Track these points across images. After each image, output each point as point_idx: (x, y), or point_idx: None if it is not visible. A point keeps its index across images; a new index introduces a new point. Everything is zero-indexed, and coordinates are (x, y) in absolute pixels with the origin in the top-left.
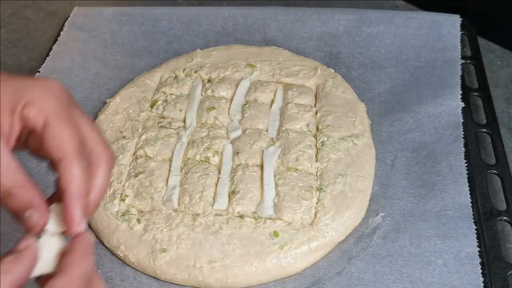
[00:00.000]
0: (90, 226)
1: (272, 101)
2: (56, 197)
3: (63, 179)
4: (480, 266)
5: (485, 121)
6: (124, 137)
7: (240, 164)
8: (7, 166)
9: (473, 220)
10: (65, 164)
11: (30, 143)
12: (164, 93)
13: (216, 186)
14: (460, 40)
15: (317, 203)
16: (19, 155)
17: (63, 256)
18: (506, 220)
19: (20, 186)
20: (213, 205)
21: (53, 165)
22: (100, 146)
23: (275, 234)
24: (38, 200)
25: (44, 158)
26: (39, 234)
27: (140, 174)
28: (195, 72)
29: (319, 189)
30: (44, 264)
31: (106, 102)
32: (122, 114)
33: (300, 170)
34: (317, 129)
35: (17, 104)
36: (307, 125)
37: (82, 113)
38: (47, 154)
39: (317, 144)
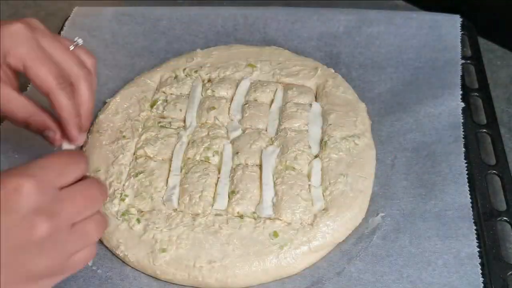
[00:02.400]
0: None
1: (272, 101)
2: None
3: (55, 109)
4: (480, 267)
5: (485, 121)
6: (124, 136)
7: (239, 164)
8: (18, 103)
9: (473, 221)
10: (52, 97)
11: None
12: (164, 92)
13: (216, 186)
14: (460, 40)
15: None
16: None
17: None
18: (506, 221)
19: (34, 114)
20: (213, 205)
21: None
22: (75, 68)
23: (275, 234)
24: (50, 122)
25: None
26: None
27: (140, 174)
28: (195, 72)
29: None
30: None
31: (106, 102)
32: (122, 114)
33: (297, 170)
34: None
35: None
36: (306, 124)
37: (52, 39)
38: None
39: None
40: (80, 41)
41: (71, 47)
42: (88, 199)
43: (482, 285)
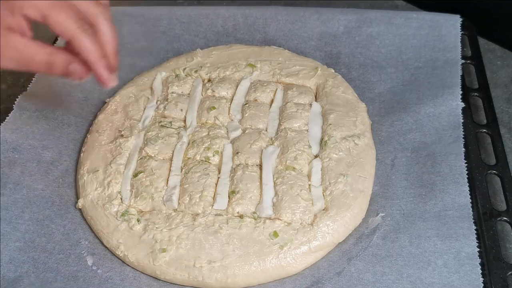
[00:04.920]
0: (90, 226)
1: (272, 101)
2: None
3: (81, 53)
4: (480, 267)
5: (485, 121)
6: (122, 135)
7: (240, 164)
8: (34, 46)
9: (473, 221)
10: (76, 41)
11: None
12: (166, 91)
13: (216, 186)
14: (460, 40)
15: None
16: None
17: None
18: (506, 221)
19: (54, 53)
20: (213, 205)
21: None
22: (91, 8)
23: (275, 234)
24: (70, 58)
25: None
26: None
27: (140, 173)
28: (195, 72)
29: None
30: None
31: (106, 102)
32: (121, 114)
33: (297, 169)
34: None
35: (13, 9)
36: (306, 123)
37: None
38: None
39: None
40: None
41: None
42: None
43: (482, 285)
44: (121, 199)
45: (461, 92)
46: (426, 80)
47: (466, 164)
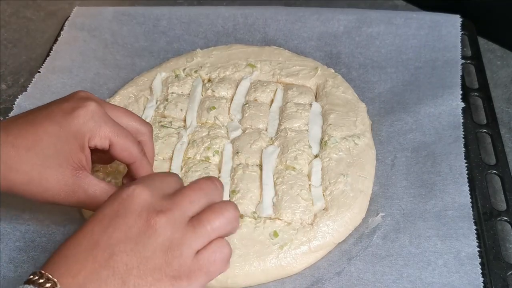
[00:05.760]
0: None
1: (272, 101)
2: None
3: (139, 175)
4: (480, 266)
5: (485, 121)
6: None
7: (240, 164)
8: (105, 189)
9: (473, 220)
10: (138, 165)
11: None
12: (166, 91)
13: None
14: (460, 40)
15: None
16: None
17: None
18: (506, 220)
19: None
20: None
21: (109, 160)
22: (142, 127)
23: (275, 234)
24: None
25: (106, 163)
26: None
27: None
28: (195, 72)
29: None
30: None
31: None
32: None
33: (298, 169)
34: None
35: (83, 143)
36: (306, 123)
37: (113, 107)
38: (110, 157)
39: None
40: None
41: None
42: (197, 190)
43: (482, 285)
44: None
45: (461, 92)
46: (426, 80)
47: (466, 164)
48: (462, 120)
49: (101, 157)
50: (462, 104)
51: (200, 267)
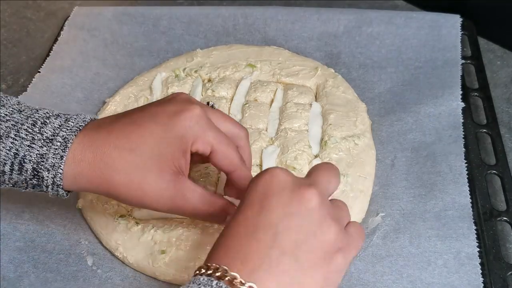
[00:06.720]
0: (89, 227)
1: (272, 101)
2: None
3: (241, 183)
4: (480, 267)
5: (485, 121)
6: None
7: None
8: (199, 195)
9: (473, 221)
10: (238, 173)
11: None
12: (165, 91)
13: (216, 185)
14: (460, 40)
15: None
16: None
17: None
18: (506, 221)
19: (213, 203)
20: None
21: (222, 170)
22: (240, 132)
23: None
24: (229, 205)
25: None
26: None
27: None
28: (195, 72)
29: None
30: None
31: (106, 102)
32: None
33: (298, 169)
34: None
35: (186, 147)
36: (306, 123)
37: (213, 111)
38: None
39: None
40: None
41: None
42: (329, 170)
43: (482, 285)
44: None
45: (461, 92)
46: (426, 80)
47: (466, 164)
48: (462, 120)
49: (192, 159)
50: (462, 104)
51: (350, 241)
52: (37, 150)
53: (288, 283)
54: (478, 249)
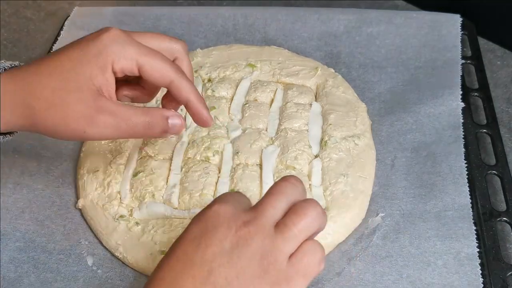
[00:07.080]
0: (89, 227)
1: (272, 101)
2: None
3: (181, 95)
4: (479, 267)
5: (485, 121)
6: None
7: (240, 164)
8: (130, 109)
9: (473, 221)
10: (177, 85)
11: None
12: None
13: (216, 184)
14: (460, 40)
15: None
16: None
17: None
18: (506, 221)
19: (150, 112)
20: None
21: (150, 93)
22: (174, 45)
23: None
24: (164, 111)
25: (147, 100)
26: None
27: (140, 173)
28: (195, 71)
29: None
30: None
31: None
32: None
33: (298, 169)
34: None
35: (104, 64)
36: (306, 123)
37: (140, 33)
38: (149, 88)
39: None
40: None
41: None
42: (277, 194)
43: (482, 285)
44: (120, 198)
45: (461, 92)
46: (426, 80)
47: (466, 164)
48: (462, 120)
49: (141, 94)
50: (462, 104)
51: (296, 271)
52: None
53: None
54: (478, 250)
